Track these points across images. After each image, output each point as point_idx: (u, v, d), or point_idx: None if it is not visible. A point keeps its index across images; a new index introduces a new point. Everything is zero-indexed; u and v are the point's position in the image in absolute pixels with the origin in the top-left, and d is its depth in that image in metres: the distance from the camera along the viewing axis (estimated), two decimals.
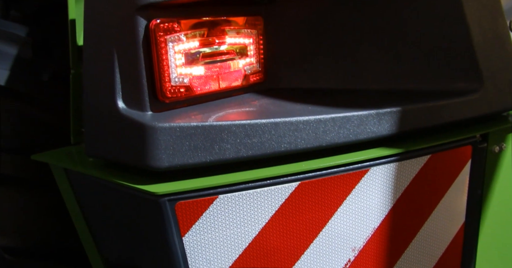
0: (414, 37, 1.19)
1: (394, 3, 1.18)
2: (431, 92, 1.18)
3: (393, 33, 1.19)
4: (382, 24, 1.19)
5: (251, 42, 1.17)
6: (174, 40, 1.01)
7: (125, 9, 0.97)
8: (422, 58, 1.19)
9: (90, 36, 1.06)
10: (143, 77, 1.00)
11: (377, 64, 1.21)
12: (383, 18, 1.19)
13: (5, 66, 1.73)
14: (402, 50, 1.20)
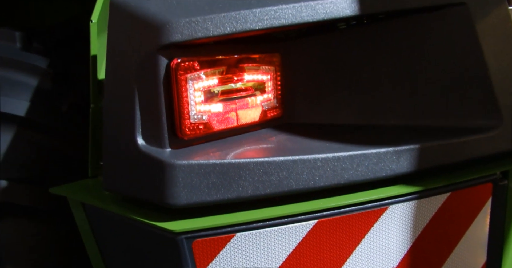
0: (431, 73, 1.19)
1: (411, 39, 1.19)
2: (449, 128, 1.17)
3: (411, 69, 1.20)
4: (399, 59, 1.20)
5: (269, 79, 1.18)
6: (194, 78, 1.03)
7: (147, 48, 1.00)
8: (440, 94, 1.19)
9: (111, 72, 1.08)
10: (163, 114, 1.01)
11: (394, 100, 1.21)
12: (400, 53, 1.20)
13: (25, 97, 1.77)
14: (420, 86, 1.20)
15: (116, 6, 1.05)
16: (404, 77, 1.20)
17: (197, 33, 0.98)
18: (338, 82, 1.24)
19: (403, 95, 1.21)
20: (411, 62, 1.19)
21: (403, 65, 1.20)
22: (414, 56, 1.19)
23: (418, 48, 1.18)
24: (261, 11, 1.00)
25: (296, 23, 1.02)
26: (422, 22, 1.16)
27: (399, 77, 1.20)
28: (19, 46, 2.02)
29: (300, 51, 1.23)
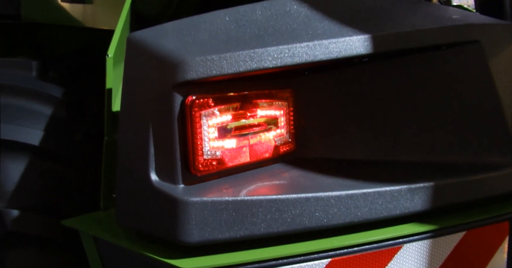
0: (445, 109, 1.19)
1: (425, 75, 1.19)
2: (464, 165, 1.16)
3: (424, 105, 1.20)
4: (413, 95, 1.20)
5: (282, 114, 1.18)
6: (208, 115, 1.03)
7: (163, 85, 1.01)
8: (454, 130, 1.18)
9: (126, 107, 1.10)
10: (176, 151, 1.02)
11: (408, 135, 1.21)
12: (414, 89, 1.20)
13: (40, 126, 1.79)
14: (433, 122, 1.20)
15: (133, 43, 1.07)
16: (418, 113, 1.20)
17: (212, 71, 0.99)
18: (351, 117, 1.24)
19: (417, 131, 1.20)
20: (425, 98, 1.19)
21: (416, 100, 1.20)
22: (427, 92, 1.19)
23: (432, 84, 1.19)
24: (275, 50, 1.02)
25: (310, 61, 1.03)
26: (436, 59, 1.17)
27: (413, 113, 1.20)
28: (35, 74, 2.05)
29: (313, 86, 1.23)
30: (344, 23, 1.11)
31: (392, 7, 1.22)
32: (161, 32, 1.09)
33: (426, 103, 1.20)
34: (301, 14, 1.14)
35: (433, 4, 1.34)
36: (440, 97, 1.19)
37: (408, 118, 1.21)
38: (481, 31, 1.15)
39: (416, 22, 1.14)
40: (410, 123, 1.21)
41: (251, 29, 1.09)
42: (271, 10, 1.15)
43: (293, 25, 1.10)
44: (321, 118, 1.24)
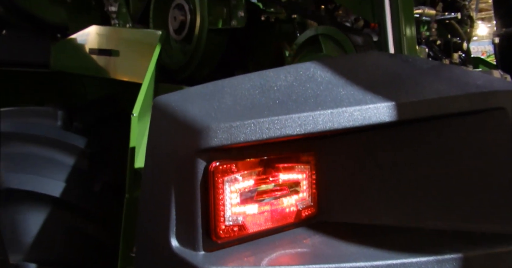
0: (471, 175, 1.16)
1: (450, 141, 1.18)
2: (494, 234, 1.12)
3: (450, 171, 1.17)
4: (438, 160, 1.18)
5: (304, 178, 1.17)
6: (231, 180, 1.03)
7: (186, 150, 1.02)
8: (481, 197, 1.15)
9: (149, 169, 1.10)
10: (198, 217, 1.00)
11: (433, 201, 1.18)
12: (439, 154, 1.18)
13: (61, 177, 1.81)
14: (459, 188, 1.17)
15: (159, 107, 1.09)
16: (443, 179, 1.17)
17: (236, 138, 0.99)
18: (374, 181, 1.22)
19: (443, 197, 1.17)
20: (450, 164, 1.17)
21: (442, 166, 1.18)
22: (452, 157, 1.17)
23: (457, 150, 1.17)
24: (299, 117, 1.02)
25: (334, 129, 1.03)
26: (460, 124, 1.15)
27: (438, 178, 1.18)
28: (60, 124, 2.10)
29: (336, 149, 1.23)
30: (368, 89, 1.11)
31: (415, 72, 1.23)
32: (186, 97, 1.11)
33: (452, 169, 1.17)
34: (325, 79, 1.15)
35: (455, 67, 1.34)
36: (465, 164, 1.16)
37: (433, 183, 1.18)
38: (506, 98, 1.14)
39: (441, 88, 1.14)
40: (435, 189, 1.18)
41: (275, 95, 1.10)
42: (294, 75, 1.16)
43: (316, 91, 1.11)
44: (344, 182, 1.22)
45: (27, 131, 1.92)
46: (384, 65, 1.25)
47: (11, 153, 1.84)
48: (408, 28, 1.54)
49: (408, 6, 1.57)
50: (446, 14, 2.14)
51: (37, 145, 1.90)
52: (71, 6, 2.90)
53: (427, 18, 2.17)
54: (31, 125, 2.03)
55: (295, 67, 1.19)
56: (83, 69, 2.48)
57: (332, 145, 1.23)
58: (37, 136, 1.92)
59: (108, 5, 2.61)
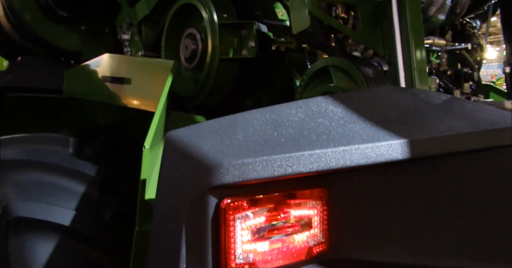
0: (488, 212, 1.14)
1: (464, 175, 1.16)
2: None
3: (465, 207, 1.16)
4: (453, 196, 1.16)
5: (316, 213, 1.16)
6: (242, 217, 1.02)
7: (198, 186, 1.01)
8: (495, 236, 1.13)
9: (161, 204, 1.10)
10: (209, 254, 0.99)
11: (447, 239, 1.15)
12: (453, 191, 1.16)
13: (71, 205, 1.81)
14: (475, 225, 1.15)
15: (171, 142, 1.10)
16: (457, 216, 1.15)
17: (248, 176, 0.99)
18: (387, 218, 1.20)
19: (457, 234, 1.15)
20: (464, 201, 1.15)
21: (455, 203, 1.16)
22: (466, 194, 1.15)
23: (471, 187, 1.15)
24: (311, 155, 1.02)
25: (346, 166, 1.02)
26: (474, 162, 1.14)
27: (452, 216, 1.16)
28: (71, 151, 2.11)
29: (348, 184, 1.21)
30: (381, 125, 1.11)
31: (428, 107, 1.23)
32: (198, 132, 1.11)
33: (466, 206, 1.15)
34: (337, 115, 1.15)
35: (468, 102, 1.34)
36: (479, 201, 1.14)
37: (447, 221, 1.16)
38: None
39: (454, 125, 1.13)
40: (449, 226, 1.16)
41: (287, 131, 1.10)
42: (306, 111, 1.16)
43: (329, 127, 1.11)
44: (356, 218, 1.21)
45: (38, 159, 1.93)
46: (396, 100, 1.25)
47: (22, 180, 1.85)
48: (419, 59, 1.55)
49: (418, 38, 1.58)
50: (456, 45, 2.15)
51: (48, 172, 1.91)
52: (85, 33, 2.96)
53: (437, 48, 2.18)
54: (43, 152, 2.04)
55: (307, 102, 1.19)
56: (95, 96, 2.51)
57: (344, 180, 1.22)
58: (48, 163, 1.93)
59: (121, 33, 2.66)
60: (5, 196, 1.80)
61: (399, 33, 1.52)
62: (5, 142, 2.18)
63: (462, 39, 2.91)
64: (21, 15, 2.79)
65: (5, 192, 1.83)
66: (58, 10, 2.79)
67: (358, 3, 1.67)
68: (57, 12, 2.80)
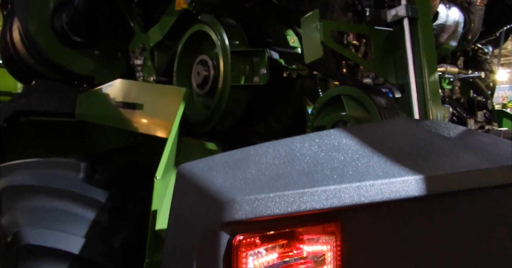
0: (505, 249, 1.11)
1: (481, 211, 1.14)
2: None
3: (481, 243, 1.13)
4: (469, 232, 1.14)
5: (329, 249, 1.13)
6: (255, 254, 1.00)
7: (210, 222, 1.00)
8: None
9: (172, 238, 1.09)
10: None
11: None
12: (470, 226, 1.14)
13: (81, 232, 1.80)
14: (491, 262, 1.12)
15: (184, 175, 1.09)
16: (473, 252, 1.13)
17: (261, 212, 0.98)
18: (401, 254, 1.17)
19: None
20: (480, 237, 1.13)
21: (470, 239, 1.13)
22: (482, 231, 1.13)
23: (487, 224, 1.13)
24: (324, 191, 1.00)
25: (360, 203, 1.00)
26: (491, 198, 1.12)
27: (467, 252, 1.13)
28: (82, 176, 2.11)
29: (362, 219, 1.19)
30: (395, 160, 1.09)
31: (443, 141, 1.21)
32: (211, 165, 1.10)
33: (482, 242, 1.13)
34: (351, 148, 1.14)
35: (484, 135, 1.32)
36: (496, 238, 1.12)
37: (462, 257, 1.13)
38: None
39: (471, 160, 1.11)
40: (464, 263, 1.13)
41: (300, 165, 1.09)
42: (319, 144, 1.15)
43: (342, 161, 1.10)
44: (370, 253, 1.18)
45: (49, 184, 1.94)
46: (411, 133, 1.24)
47: (32, 206, 1.85)
48: (432, 90, 1.53)
49: (432, 68, 1.57)
50: (469, 73, 2.14)
51: (58, 198, 1.91)
52: (98, 57, 3.00)
53: (449, 76, 2.17)
54: (54, 177, 2.04)
55: (320, 135, 1.18)
56: (107, 120, 2.53)
57: (358, 215, 1.20)
58: (59, 189, 1.93)
59: (134, 59, 2.69)
60: (16, 222, 1.80)
61: (412, 63, 1.51)
62: (17, 166, 2.19)
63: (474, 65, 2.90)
64: (36, 40, 2.84)
65: (15, 217, 1.83)
66: (72, 36, 2.84)
67: (370, 33, 1.67)
68: (71, 38, 2.85)
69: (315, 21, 1.57)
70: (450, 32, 2.46)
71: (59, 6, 2.85)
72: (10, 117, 2.77)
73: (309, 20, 1.60)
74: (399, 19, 1.51)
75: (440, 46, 2.41)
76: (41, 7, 2.84)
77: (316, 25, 1.56)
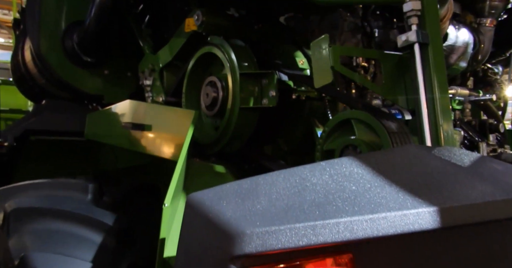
0: None
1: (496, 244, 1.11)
2: None
3: None
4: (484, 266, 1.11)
5: None
6: None
7: (220, 255, 0.98)
8: None
9: None
10: None
11: None
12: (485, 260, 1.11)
13: (87, 256, 1.78)
14: None
15: (193, 205, 1.07)
16: None
17: (271, 246, 0.96)
18: None
19: None
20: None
21: None
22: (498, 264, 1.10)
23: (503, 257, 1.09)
24: (337, 224, 0.98)
25: (372, 237, 0.98)
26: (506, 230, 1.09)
27: None
28: (90, 198, 2.11)
29: (375, 251, 1.16)
30: (408, 190, 1.07)
31: (457, 170, 1.19)
32: (221, 195, 1.09)
33: None
34: (363, 178, 1.12)
35: (498, 163, 1.29)
36: None
37: None
38: None
39: (486, 191, 1.09)
40: None
41: (311, 196, 1.07)
42: (330, 173, 1.14)
43: (354, 192, 1.07)
44: None
45: (57, 207, 1.93)
46: (423, 161, 1.22)
47: (39, 229, 1.84)
48: (444, 114, 1.51)
49: (443, 92, 1.55)
50: (480, 95, 2.12)
51: (65, 221, 1.90)
52: (108, 77, 3.02)
53: (460, 98, 2.15)
54: (62, 199, 2.04)
55: (331, 164, 1.16)
56: (116, 140, 2.53)
57: (370, 247, 1.17)
58: (66, 211, 1.93)
59: (143, 79, 2.71)
60: (23, 245, 1.79)
61: (423, 88, 1.50)
62: (25, 187, 2.20)
63: (484, 85, 2.87)
64: (47, 60, 2.87)
65: (23, 241, 1.82)
66: (83, 56, 2.86)
67: (380, 57, 1.67)
68: (82, 58, 2.87)
69: (325, 46, 1.56)
70: (459, 53, 2.44)
71: (70, 27, 2.89)
72: (20, 137, 2.79)
73: (319, 44, 1.60)
74: (410, 44, 1.50)
75: (450, 67, 2.40)
76: (52, 28, 2.87)
77: (326, 49, 1.55)
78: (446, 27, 2.23)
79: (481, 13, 2.54)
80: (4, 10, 14.54)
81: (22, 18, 3.41)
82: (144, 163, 2.64)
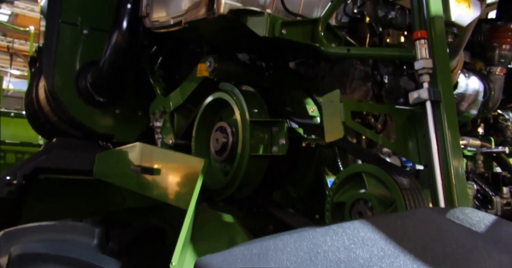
0: None
1: None
2: None
3: None
4: None
5: None
6: None
7: None
8: None
9: None
10: None
11: None
12: None
13: None
14: None
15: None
16: None
17: None
18: None
19: None
20: None
21: None
22: None
23: None
24: None
25: None
26: None
27: None
28: (96, 243, 2.08)
29: None
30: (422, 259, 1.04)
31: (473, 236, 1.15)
32: (229, 261, 1.06)
33: None
34: (375, 245, 1.09)
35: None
36: None
37: None
38: None
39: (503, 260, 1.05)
40: None
41: (322, 264, 1.04)
42: (343, 239, 1.11)
43: (367, 260, 1.05)
44: None
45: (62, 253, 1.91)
46: (438, 226, 1.19)
47: None
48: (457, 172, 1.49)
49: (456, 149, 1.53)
50: (493, 148, 2.10)
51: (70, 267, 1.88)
52: (119, 116, 3.05)
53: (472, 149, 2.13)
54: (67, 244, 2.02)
55: (343, 228, 1.14)
56: (124, 182, 2.52)
57: None
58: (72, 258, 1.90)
59: (153, 120, 2.72)
60: None
61: (436, 146, 1.48)
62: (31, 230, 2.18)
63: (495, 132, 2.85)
64: (60, 99, 2.90)
65: None
66: (96, 96, 2.90)
67: (391, 112, 1.66)
68: (95, 98, 2.90)
69: (336, 101, 1.57)
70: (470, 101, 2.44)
71: (84, 67, 2.94)
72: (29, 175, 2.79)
73: (330, 98, 1.61)
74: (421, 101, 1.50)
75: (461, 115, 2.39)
76: (67, 67, 2.92)
77: (337, 105, 1.55)
78: (456, 78, 2.24)
79: (491, 62, 2.56)
80: (21, 40, 14.99)
81: (38, 56, 3.48)
82: (152, 204, 2.62)
